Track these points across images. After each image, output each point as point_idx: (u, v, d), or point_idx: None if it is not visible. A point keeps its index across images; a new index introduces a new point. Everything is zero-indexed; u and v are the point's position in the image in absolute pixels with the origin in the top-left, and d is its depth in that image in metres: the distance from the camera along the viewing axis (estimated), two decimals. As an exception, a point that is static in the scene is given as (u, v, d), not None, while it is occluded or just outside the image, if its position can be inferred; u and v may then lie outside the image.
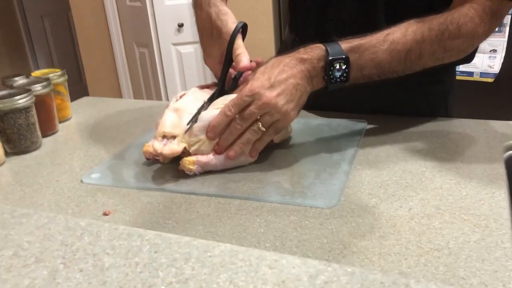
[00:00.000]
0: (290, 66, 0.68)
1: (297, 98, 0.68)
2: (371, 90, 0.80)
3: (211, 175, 0.70)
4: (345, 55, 0.69)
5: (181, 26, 2.61)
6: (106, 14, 2.86)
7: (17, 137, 0.82)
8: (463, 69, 1.94)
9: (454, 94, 0.95)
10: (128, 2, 2.74)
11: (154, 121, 0.92)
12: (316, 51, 0.69)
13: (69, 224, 0.42)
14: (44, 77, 0.93)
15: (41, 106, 0.87)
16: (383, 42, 0.70)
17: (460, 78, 1.93)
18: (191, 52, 2.68)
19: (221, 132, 0.68)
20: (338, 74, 0.69)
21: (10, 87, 0.89)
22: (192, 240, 0.39)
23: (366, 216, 0.58)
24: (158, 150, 0.68)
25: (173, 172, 0.72)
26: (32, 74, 0.97)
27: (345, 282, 0.33)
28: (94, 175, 0.72)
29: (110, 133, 0.92)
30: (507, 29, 1.85)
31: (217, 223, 0.58)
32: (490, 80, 1.92)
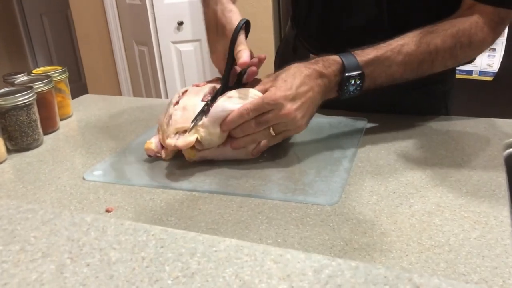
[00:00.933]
0: (310, 79, 0.69)
1: (310, 111, 0.71)
2: (372, 90, 0.80)
3: (213, 172, 0.70)
4: (361, 71, 0.70)
5: (180, 24, 2.61)
6: (105, 12, 2.85)
7: (18, 134, 0.82)
8: (462, 68, 1.94)
9: (454, 95, 0.95)
10: (127, 0, 2.74)
11: (155, 118, 0.93)
12: (333, 67, 0.70)
13: (74, 219, 0.42)
14: (45, 74, 0.93)
15: (42, 103, 0.88)
16: (398, 54, 0.72)
17: (459, 76, 1.92)
18: (191, 50, 2.68)
19: (233, 128, 0.69)
20: (352, 88, 0.72)
21: (12, 85, 0.89)
22: (197, 235, 0.39)
23: (367, 213, 0.58)
24: (172, 144, 0.68)
25: (175, 169, 0.72)
26: (33, 71, 0.97)
27: (349, 276, 0.33)
28: (96, 172, 0.73)
29: (111, 130, 0.92)
30: (506, 28, 1.86)
31: (219, 220, 0.58)
32: (489, 78, 1.93)
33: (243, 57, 0.71)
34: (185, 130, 0.69)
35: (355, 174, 0.68)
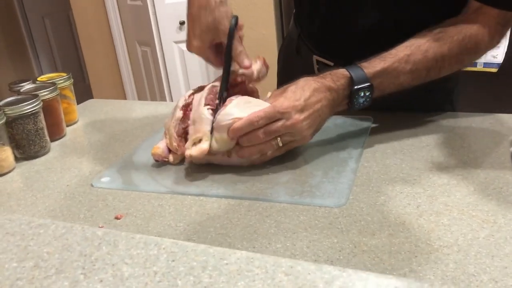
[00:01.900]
0: (319, 92, 0.70)
1: (317, 124, 0.71)
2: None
3: (220, 176, 0.70)
4: (369, 83, 0.71)
5: (182, 24, 2.61)
6: (107, 13, 2.86)
7: (26, 142, 0.83)
8: (466, 59, 1.93)
9: (459, 92, 0.95)
10: (128, 1, 2.74)
11: (160, 122, 0.93)
12: (342, 81, 0.71)
13: (86, 234, 0.43)
14: (50, 81, 0.94)
15: (48, 110, 0.88)
16: (406, 64, 0.72)
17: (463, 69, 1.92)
18: (193, 49, 2.68)
19: (241, 135, 0.69)
20: (362, 100, 0.72)
21: (17, 93, 0.90)
22: (207, 247, 0.40)
23: (375, 214, 0.58)
24: (188, 154, 0.69)
25: (182, 174, 0.72)
26: (38, 79, 0.98)
27: (360, 287, 0.34)
28: (104, 179, 0.73)
29: (117, 135, 0.92)
30: None
31: (227, 225, 0.59)
32: (494, 70, 1.91)
33: (247, 62, 0.74)
34: (200, 140, 0.70)
35: (362, 175, 0.68)
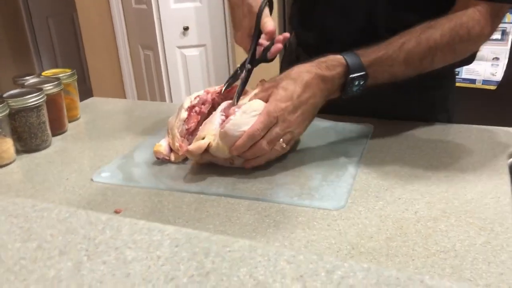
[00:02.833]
0: (312, 85, 0.70)
1: (311, 116, 0.73)
2: (372, 94, 0.81)
3: (220, 175, 0.71)
4: (365, 71, 0.71)
5: (186, 29, 2.63)
6: (112, 16, 2.87)
7: (28, 135, 0.83)
8: (466, 76, 1.95)
9: (454, 99, 0.96)
10: (134, 4, 2.76)
11: (162, 121, 0.94)
12: (338, 69, 0.71)
13: (90, 218, 0.43)
14: (54, 76, 0.94)
15: (51, 105, 0.89)
16: (399, 52, 0.73)
17: (462, 85, 1.94)
18: (196, 55, 2.70)
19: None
20: (355, 89, 0.73)
21: (21, 86, 0.90)
22: (210, 235, 0.40)
23: (372, 218, 0.59)
24: (184, 148, 0.71)
25: (183, 172, 0.73)
26: (42, 73, 0.98)
27: (361, 277, 0.34)
28: (104, 174, 0.73)
29: (118, 133, 0.93)
30: (510, 37, 1.87)
31: (226, 223, 0.59)
32: (493, 87, 1.94)
33: (270, 26, 0.76)
34: (203, 138, 0.70)
35: (361, 180, 0.69)
